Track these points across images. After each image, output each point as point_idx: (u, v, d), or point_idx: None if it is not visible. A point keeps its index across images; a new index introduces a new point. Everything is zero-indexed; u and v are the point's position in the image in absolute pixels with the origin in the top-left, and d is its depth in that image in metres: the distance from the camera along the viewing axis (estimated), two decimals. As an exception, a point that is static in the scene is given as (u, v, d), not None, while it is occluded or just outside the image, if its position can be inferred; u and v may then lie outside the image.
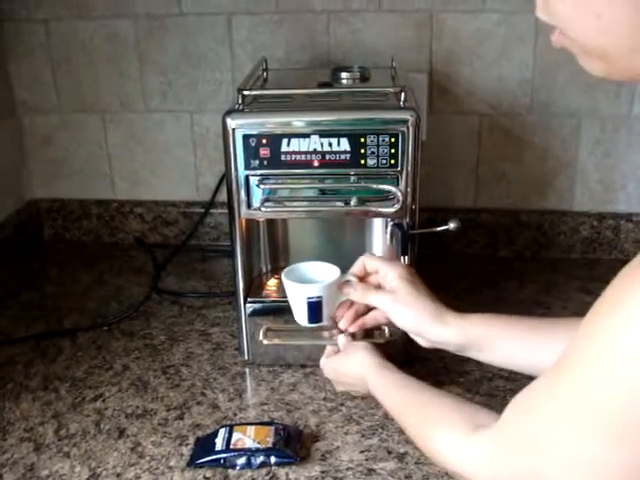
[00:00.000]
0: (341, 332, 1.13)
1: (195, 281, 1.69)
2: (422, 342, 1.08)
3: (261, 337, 1.26)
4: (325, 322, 1.15)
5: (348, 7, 1.65)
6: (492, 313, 1.04)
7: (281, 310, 1.30)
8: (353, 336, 1.13)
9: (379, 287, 1.10)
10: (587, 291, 1.58)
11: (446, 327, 1.03)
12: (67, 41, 1.75)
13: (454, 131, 1.72)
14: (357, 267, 1.13)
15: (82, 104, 1.81)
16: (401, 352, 1.25)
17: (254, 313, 1.31)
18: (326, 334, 1.17)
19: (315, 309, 1.13)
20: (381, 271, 1.10)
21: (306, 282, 1.13)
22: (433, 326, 1.03)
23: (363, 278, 1.13)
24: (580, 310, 1.53)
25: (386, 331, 1.19)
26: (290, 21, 1.68)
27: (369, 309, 1.13)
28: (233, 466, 1.07)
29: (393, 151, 1.18)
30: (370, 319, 1.13)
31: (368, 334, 1.17)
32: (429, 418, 0.89)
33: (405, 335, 1.13)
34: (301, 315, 1.14)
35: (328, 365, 1.13)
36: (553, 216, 1.74)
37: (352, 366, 1.08)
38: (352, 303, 1.13)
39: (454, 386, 1.25)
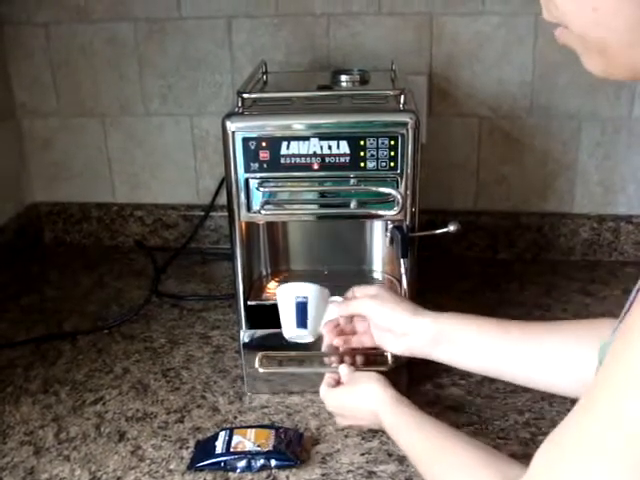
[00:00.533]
0: (341, 361, 1.14)
1: (195, 284, 1.69)
2: (394, 346, 1.09)
3: (257, 365, 1.23)
4: (310, 331, 1.15)
5: (348, 10, 1.65)
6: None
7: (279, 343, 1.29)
8: (353, 363, 1.13)
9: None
10: (587, 293, 1.58)
11: (421, 317, 1.06)
12: (67, 44, 1.76)
13: (454, 134, 1.72)
14: (347, 294, 1.17)
15: (82, 107, 1.81)
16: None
17: (254, 316, 1.30)
18: (326, 360, 1.17)
19: (301, 311, 1.14)
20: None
21: None
22: (407, 316, 1.06)
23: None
24: (580, 312, 1.54)
25: (389, 358, 1.18)
26: (290, 24, 1.68)
27: (354, 332, 1.16)
28: (233, 469, 1.07)
29: (393, 154, 1.18)
30: (355, 341, 1.15)
31: (369, 361, 1.17)
32: (456, 471, 0.86)
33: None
34: (289, 321, 1.15)
35: (331, 397, 1.09)
36: (553, 218, 1.74)
37: (361, 399, 1.04)
38: (339, 325, 1.16)
39: (455, 388, 1.25)
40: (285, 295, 1.16)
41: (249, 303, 1.30)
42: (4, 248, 1.75)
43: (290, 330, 1.16)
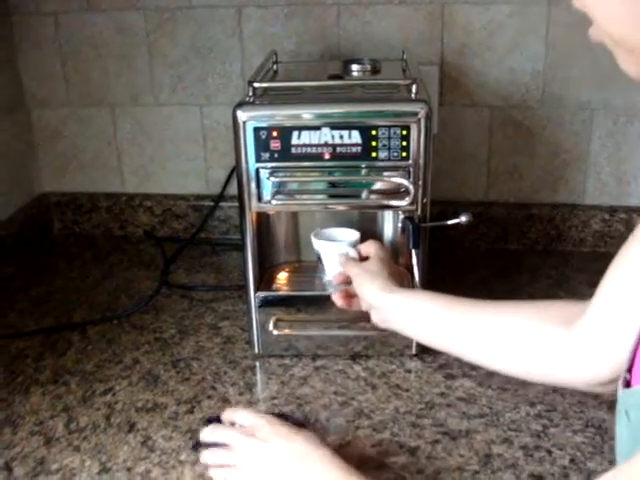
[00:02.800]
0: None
1: (205, 274, 1.68)
2: (373, 316, 1.18)
3: (271, 328, 1.29)
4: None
5: (358, -1, 1.65)
6: None
7: (292, 303, 1.31)
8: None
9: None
10: (598, 284, 1.56)
11: (389, 293, 1.12)
12: (76, 34, 1.75)
13: (465, 124, 1.71)
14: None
15: (91, 97, 1.81)
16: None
17: (264, 306, 1.30)
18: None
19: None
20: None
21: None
22: (377, 291, 1.13)
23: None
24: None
25: None
26: (300, 13, 1.67)
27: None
28: None
29: (404, 144, 1.17)
30: (355, 303, 1.22)
31: None
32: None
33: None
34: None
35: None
36: (564, 209, 1.73)
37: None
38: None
39: (466, 379, 1.25)
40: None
41: (259, 294, 1.30)
42: (13, 239, 1.75)
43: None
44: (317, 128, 1.18)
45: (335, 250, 1.26)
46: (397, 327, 1.14)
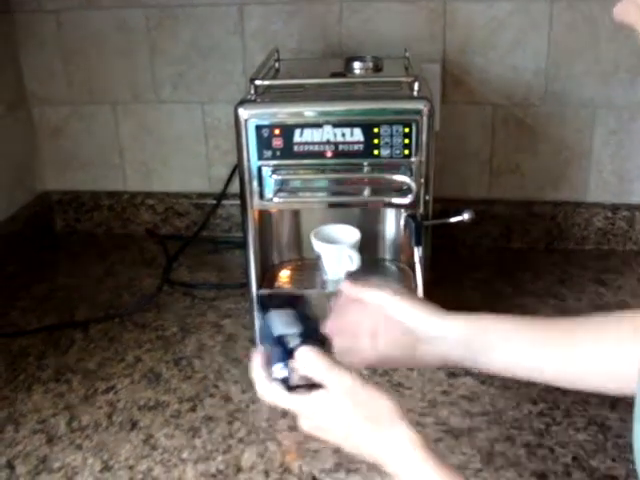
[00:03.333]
0: None
1: (207, 272, 1.68)
2: (420, 354, 0.93)
3: None
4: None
5: (360, -4, 1.64)
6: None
7: (293, 300, 1.30)
8: None
9: None
10: (601, 282, 1.56)
11: (447, 319, 0.91)
12: (78, 32, 1.75)
13: (467, 121, 1.70)
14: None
15: (93, 95, 1.81)
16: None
17: (266, 304, 1.30)
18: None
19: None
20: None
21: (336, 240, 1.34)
22: (433, 318, 0.91)
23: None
24: (594, 301, 1.52)
25: None
26: (302, 11, 1.66)
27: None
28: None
29: (407, 141, 1.17)
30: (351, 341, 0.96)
31: None
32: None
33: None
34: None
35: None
36: (567, 207, 1.73)
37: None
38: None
39: (468, 377, 1.24)
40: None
41: (261, 291, 1.30)
42: (15, 237, 1.75)
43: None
44: (319, 126, 1.17)
45: (336, 252, 1.25)
46: (460, 358, 0.92)
